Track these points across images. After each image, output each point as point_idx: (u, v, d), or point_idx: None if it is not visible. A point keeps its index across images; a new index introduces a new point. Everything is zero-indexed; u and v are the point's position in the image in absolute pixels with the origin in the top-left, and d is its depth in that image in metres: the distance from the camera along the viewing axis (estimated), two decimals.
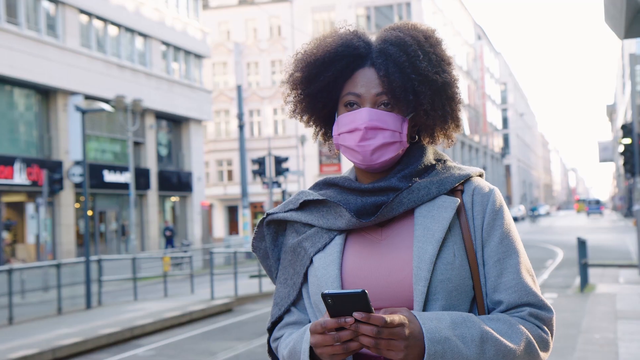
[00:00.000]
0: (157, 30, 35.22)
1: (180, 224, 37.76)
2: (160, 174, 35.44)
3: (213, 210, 52.63)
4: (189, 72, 38.58)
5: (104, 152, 31.99)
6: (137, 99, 27.92)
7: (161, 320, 13.48)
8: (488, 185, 1.75)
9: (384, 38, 1.74)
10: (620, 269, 19.67)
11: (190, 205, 38.00)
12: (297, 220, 1.79)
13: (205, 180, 43.09)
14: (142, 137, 33.81)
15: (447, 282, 1.61)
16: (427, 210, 1.68)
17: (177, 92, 36.59)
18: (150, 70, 34.59)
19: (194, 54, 38.90)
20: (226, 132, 54.82)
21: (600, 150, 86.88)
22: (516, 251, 1.68)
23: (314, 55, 1.74)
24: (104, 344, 11.81)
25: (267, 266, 1.88)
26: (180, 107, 36.61)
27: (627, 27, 4.19)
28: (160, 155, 36.21)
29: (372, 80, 1.70)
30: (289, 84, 1.80)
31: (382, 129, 1.68)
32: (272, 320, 1.80)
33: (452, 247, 1.65)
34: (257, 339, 11.54)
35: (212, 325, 13.63)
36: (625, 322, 10.90)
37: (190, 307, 14.96)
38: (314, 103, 1.78)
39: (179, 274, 22.63)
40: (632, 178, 32.33)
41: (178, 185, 37.17)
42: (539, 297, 1.65)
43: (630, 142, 18.39)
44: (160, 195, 35.77)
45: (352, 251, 1.71)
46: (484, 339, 1.54)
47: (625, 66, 65.67)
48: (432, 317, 1.53)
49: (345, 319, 1.45)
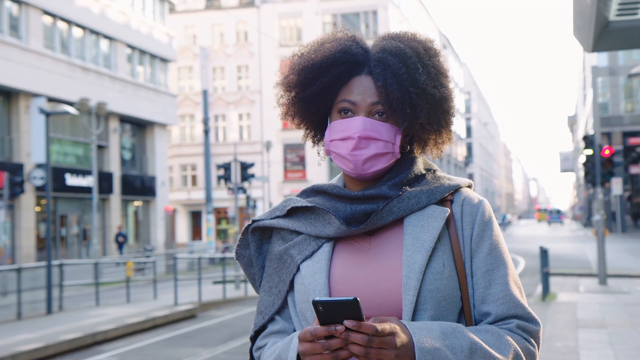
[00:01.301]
0: (122, 33, 34.94)
1: (143, 229, 37.44)
2: (123, 178, 35.13)
3: (176, 215, 52.25)
4: (155, 76, 38.33)
5: (66, 155, 31.63)
6: (102, 102, 27.66)
7: (124, 326, 13.34)
8: (477, 197, 1.74)
9: (383, 47, 1.71)
10: (580, 277, 19.94)
11: (153, 210, 37.71)
12: (284, 227, 1.76)
13: (168, 185, 42.79)
14: (105, 141, 33.49)
15: (436, 292, 1.60)
16: (417, 220, 1.67)
17: (142, 95, 36.33)
18: (115, 73, 34.30)
19: (159, 58, 38.66)
20: (191, 137, 54.53)
21: (561, 160, 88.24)
22: (505, 263, 1.68)
23: (311, 60, 1.72)
24: (65, 350, 11.64)
25: (250, 274, 1.84)
26: (144, 110, 36.35)
27: (595, 41, 4.27)
28: (123, 159, 35.90)
29: (369, 89, 1.68)
30: (283, 85, 1.78)
31: (376, 139, 1.67)
32: (256, 329, 1.77)
33: (441, 257, 1.64)
34: (221, 346, 11.48)
35: (175, 331, 13.53)
36: (586, 331, 11.05)
37: (153, 313, 14.83)
38: (308, 107, 1.75)
39: (142, 279, 22.42)
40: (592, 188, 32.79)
41: (141, 189, 36.87)
42: (527, 309, 1.65)
43: (592, 153, 18.67)
44: (123, 199, 35.45)
45: (341, 259, 1.69)
46: (473, 350, 1.53)
47: (587, 78, 66.75)
48: (422, 327, 1.53)
49: (335, 327, 1.43)
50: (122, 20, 35.03)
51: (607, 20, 4.20)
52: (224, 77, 54.38)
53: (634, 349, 9.57)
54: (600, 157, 18.46)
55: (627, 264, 23.95)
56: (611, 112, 46.33)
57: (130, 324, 13.55)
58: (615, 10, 4.14)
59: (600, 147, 18.64)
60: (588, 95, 62.90)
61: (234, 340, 11.99)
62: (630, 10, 4.17)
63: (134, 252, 34.30)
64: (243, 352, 10.95)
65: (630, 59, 46.89)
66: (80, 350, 11.86)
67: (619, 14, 4.21)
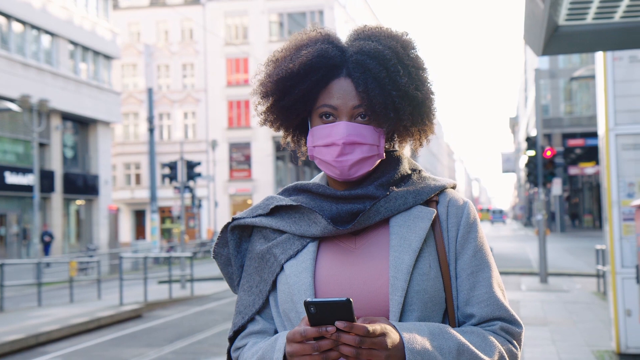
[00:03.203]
0: (64, 29, 34.31)
1: (86, 228, 36.85)
2: (65, 176, 34.51)
3: (119, 214, 51.56)
4: (98, 73, 37.76)
5: (5, 153, 30.95)
6: (44, 99, 27.12)
7: (68, 326, 13.12)
8: (462, 198, 1.74)
9: (361, 48, 1.67)
10: (521, 276, 20.32)
11: (96, 208, 37.14)
12: (266, 225, 1.73)
13: (112, 183, 42.18)
14: (47, 139, 32.85)
15: (423, 293, 1.60)
16: (403, 220, 1.66)
17: (84, 92, 35.74)
18: (57, 69, 33.68)
19: (103, 55, 38.10)
20: (135, 135, 53.86)
21: (503, 161, 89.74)
22: (488, 265, 1.68)
23: (289, 69, 1.67)
24: (7, 351, 11.39)
25: (227, 273, 1.80)
26: (87, 108, 35.77)
27: (545, 45, 4.37)
28: (65, 157, 35.27)
29: (349, 92, 1.65)
30: (260, 94, 1.74)
31: (361, 144, 1.65)
32: (235, 329, 1.74)
33: (427, 258, 1.63)
34: (168, 346, 11.39)
35: (121, 331, 13.36)
36: (528, 328, 11.27)
37: (98, 313, 14.61)
38: (287, 113, 1.72)
39: (85, 279, 22.06)
40: (534, 188, 33.44)
41: (84, 188, 36.27)
42: (510, 312, 1.65)
43: (535, 154, 19.07)
44: (65, 198, 34.84)
45: (326, 259, 1.67)
46: (460, 351, 1.53)
47: (528, 80, 68.04)
48: (411, 328, 1.52)
49: (326, 328, 1.41)
50: (64, 15, 34.40)
51: (557, 25, 4.30)
52: (169, 75, 53.86)
53: (575, 346, 9.82)
54: (542, 158, 18.88)
55: (567, 262, 24.51)
56: (551, 114, 47.34)
57: (74, 324, 13.33)
58: (565, 15, 4.24)
59: (542, 148, 19.05)
60: (529, 97, 64.13)
61: (181, 340, 11.90)
62: (578, 15, 4.29)
63: (76, 251, 33.74)
64: (191, 352, 10.88)
65: (570, 63, 47.96)
66: (23, 351, 11.62)
67: (568, 19, 4.32)
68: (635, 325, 8.34)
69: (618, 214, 8.63)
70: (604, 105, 8.78)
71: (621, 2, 4.18)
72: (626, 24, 4.50)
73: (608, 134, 8.71)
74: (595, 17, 4.40)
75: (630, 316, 8.49)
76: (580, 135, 46.54)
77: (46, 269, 23.16)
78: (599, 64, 9.02)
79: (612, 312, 8.69)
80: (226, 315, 14.66)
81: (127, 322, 14.56)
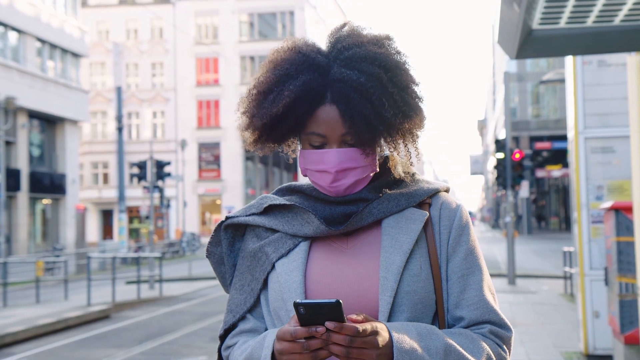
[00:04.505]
0: (32, 26, 33.86)
1: (52, 228, 36.41)
2: (31, 175, 34.06)
3: (86, 214, 51.08)
4: (66, 71, 37.33)
5: None
6: (10, 97, 26.75)
7: (34, 327, 12.97)
8: (455, 201, 1.75)
9: (342, 77, 1.62)
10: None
11: (63, 208, 36.71)
12: (260, 224, 1.74)
13: (79, 182, 41.75)
14: (13, 137, 32.36)
15: (413, 294, 1.61)
16: (395, 222, 1.67)
17: (52, 91, 35.31)
18: (24, 67, 33.22)
19: (71, 53, 37.68)
20: (103, 134, 53.40)
21: (471, 163, 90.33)
22: (480, 268, 1.69)
23: (273, 114, 1.65)
24: None
25: (220, 273, 1.81)
26: (55, 106, 35.34)
27: (519, 49, 4.42)
28: (32, 155, 34.81)
29: (336, 120, 1.63)
30: (246, 127, 1.73)
31: (353, 168, 1.65)
32: (225, 327, 1.74)
33: (419, 259, 1.64)
34: (137, 346, 11.30)
35: (89, 332, 13.23)
36: None
37: (65, 314, 14.45)
38: (276, 140, 1.73)
39: (51, 279, 21.80)
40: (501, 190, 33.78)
41: (51, 187, 35.82)
42: (500, 315, 1.66)
43: (504, 156, 19.24)
44: (32, 197, 34.38)
45: (317, 258, 1.68)
46: (447, 352, 1.54)
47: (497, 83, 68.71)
48: (400, 327, 1.53)
49: (316, 328, 1.42)
50: (31, 12, 33.96)
51: (530, 29, 4.35)
52: (138, 74, 53.50)
53: (543, 347, 9.92)
54: (511, 161, 19.06)
55: (534, 264, 24.76)
56: (519, 117, 47.78)
57: (41, 325, 13.18)
58: (539, 19, 4.29)
59: (511, 151, 19.24)
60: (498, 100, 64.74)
61: (150, 340, 11.82)
62: (552, 19, 4.33)
63: (42, 251, 33.31)
64: (160, 352, 10.82)
65: (538, 66, 48.46)
66: None
67: (541, 23, 4.36)
68: (603, 327, 8.45)
69: (587, 217, 8.74)
70: (574, 108, 8.89)
71: (594, 7, 4.23)
72: (598, 28, 4.57)
73: (577, 137, 8.82)
74: (568, 22, 4.45)
75: (598, 318, 8.60)
76: (547, 138, 47.05)
77: (12, 268, 22.76)
78: (569, 68, 9.14)
79: (581, 314, 8.79)
80: (196, 316, 14.58)
81: (95, 323, 14.43)
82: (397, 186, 1.74)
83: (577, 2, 4.06)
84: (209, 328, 12.92)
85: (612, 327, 7.57)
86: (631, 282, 7.07)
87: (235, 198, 50.77)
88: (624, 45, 4.94)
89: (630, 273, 7.06)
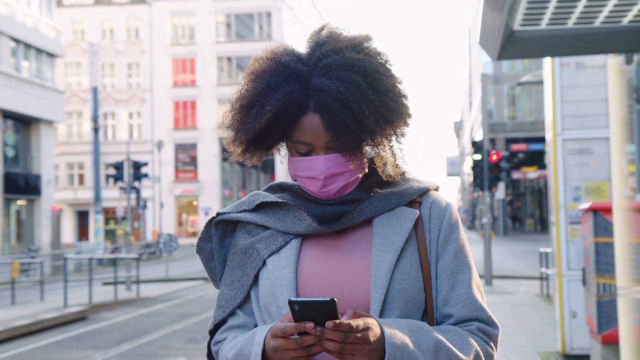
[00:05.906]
0: (5, 26, 33.51)
1: (27, 229, 36.06)
2: (6, 176, 33.71)
3: (62, 215, 50.66)
4: (41, 71, 36.98)
5: None
6: None
7: (10, 329, 12.83)
8: (445, 200, 1.78)
9: (322, 86, 1.62)
10: None
11: (38, 209, 36.36)
12: (251, 221, 1.75)
13: (54, 183, 41.39)
14: None
15: (404, 291, 1.63)
16: (386, 220, 1.69)
17: (26, 91, 34.96)
18: None
19: (46, 53, 37.33)
20: (78, 135, 52.96)
21: (447, 164, 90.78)
22: (469, 266, 1.71)
23: (256, 129, 1.66)
24: None
25: (210, 268, 1.82)
26: (30, 106, 34.99)
27: (500, 50, 4.45)
28: (6, 156, 34.44)
29: (320, 129, 1.64)
30: (231, 142, 1.74)
31: (342, 173, 1.67)
32: (215, 322, 1.75)
33: (409, 257, 1.66)
34: (114, 348, 11.23)
35: (65, 333, 13.11)
36: None
37: (41, 315, 14.32)
38: (263, 150, 1.74)
39: (27, 281, 21.59)
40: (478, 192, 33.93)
41: (25, 188, 35.47)
42: (488, 313, 1.68)
43: (481, 158, 19.36)
44: (6, 198, 34.03)
45: (308, 255, 1.69)
46: (437, 348, 1.57)
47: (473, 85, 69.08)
48: (391, 323, 1.55)
49: (305, 325, 1.44)
50: (5, 11, 33.62)
51: (512, 30, 4.38)
52: (114, 75, 53.15)
53: (521, 347, 9.98)
54: (488, 162, 19.18)
55: (510, 265, 24.92)
56: (495, 119, 48.08)
57: (17, 326, 13.05)
58: (520, 21, 4.32)
59: (488, 152, 19.36)
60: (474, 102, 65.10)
61: (127, 342, 11.74)
62: (533, 21, 4.37)
63: (17, 252, 32.98)
64: (137, 354, 10.75)
65: (514, 68, 48.82)
66: None
67: (523, 24, 4.40)
68: (581, 327, 8.53)
69: (565, 218, 8.82)
70: (552, 110, 8.96)
71: (575, 9, 4.27)
72: (579, 30, 4.61)
73: (555, 139, 8.90)
74: (549, 23, 4.49)
75: (575, 318, 8.68)
76: (523, 140, 47.41)
77: None
78: (547, 70, 9.21)
79: (558, 314, 8.87)
80: (173, 317, 14.52)
81: (72, 324, 14.31)
82: (387, 185, 1.76)
83: (558, 3, 4.10)
84: (187, 329, 12.87)
85: (590, 327, 7.63)
86: (609, 283, 7.15)
87: (212, 199, 50.62)
88: (604, 47, 4.99)
89: (608, 273, 7.13)
